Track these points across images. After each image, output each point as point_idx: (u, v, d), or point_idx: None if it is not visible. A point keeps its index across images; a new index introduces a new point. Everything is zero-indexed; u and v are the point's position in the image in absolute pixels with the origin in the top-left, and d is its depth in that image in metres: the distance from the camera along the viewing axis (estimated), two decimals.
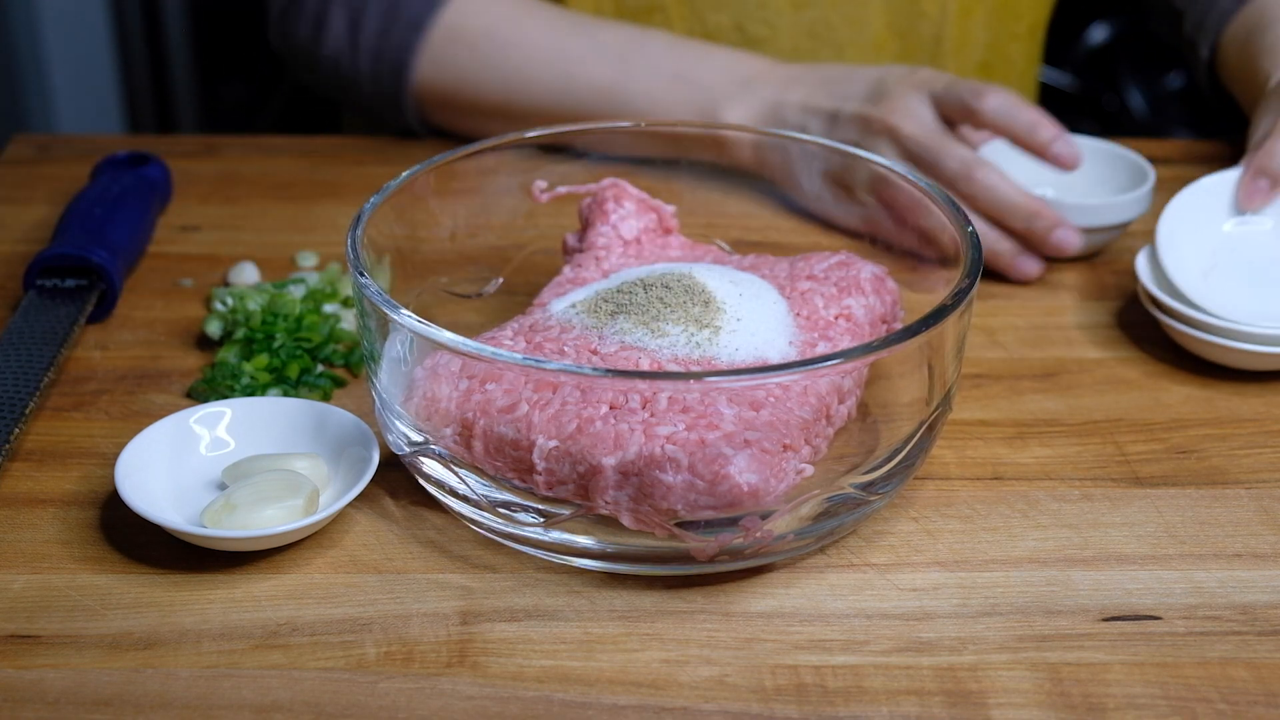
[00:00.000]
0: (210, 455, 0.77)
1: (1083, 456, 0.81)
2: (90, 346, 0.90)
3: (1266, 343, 0.86)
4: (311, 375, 0.86)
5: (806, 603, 0.70)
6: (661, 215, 0.88)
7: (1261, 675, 0.66)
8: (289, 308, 0.88)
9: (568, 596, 0.70)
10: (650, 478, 0.67)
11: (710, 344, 0.74)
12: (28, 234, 1.02)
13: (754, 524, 0.68)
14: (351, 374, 0.87)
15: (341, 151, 1.17)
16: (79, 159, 1.10)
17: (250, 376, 0.84)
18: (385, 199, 0.79)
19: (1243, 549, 0.74)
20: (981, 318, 0.94)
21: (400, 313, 0.69)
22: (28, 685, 0.65)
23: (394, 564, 0.72)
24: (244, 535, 0.70)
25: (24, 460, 0.79)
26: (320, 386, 0.85)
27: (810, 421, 0.71)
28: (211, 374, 0.85)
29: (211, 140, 1.20)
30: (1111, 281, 0.99)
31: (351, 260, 0.73)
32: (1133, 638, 0.68)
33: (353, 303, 0.92)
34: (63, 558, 0.72)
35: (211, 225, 1.05)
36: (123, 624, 0.68)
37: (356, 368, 0.87)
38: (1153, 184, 1.01)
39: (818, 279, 0.81)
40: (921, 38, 1.21)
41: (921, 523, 0.76)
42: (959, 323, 0.72)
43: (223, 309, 0.90)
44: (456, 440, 0.71)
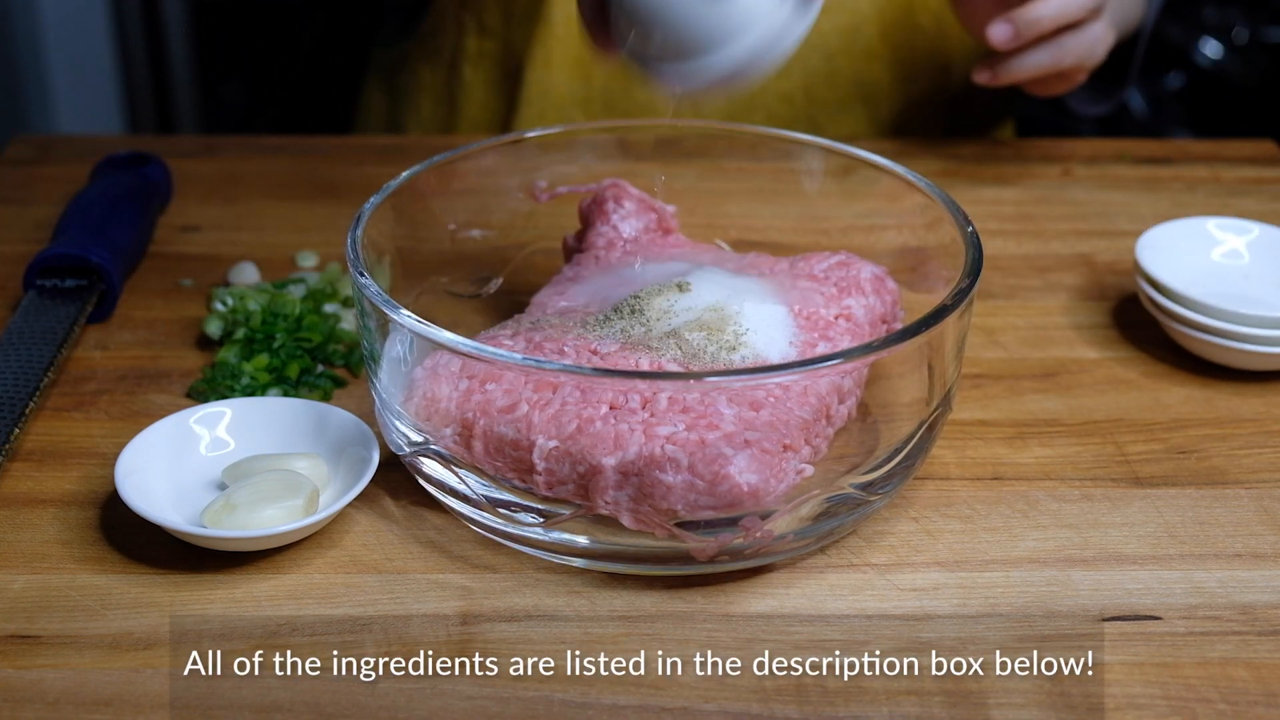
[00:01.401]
0: (210, 455, 0.77)
1: (1083, 456, 0.81)
2: (90, 346, 0.90)
3: (1266, 343, 0.86)
4: (311, 375, 0.86)
5: (806, 603, 0.70)
6: (661, 215, 0.88)
7: (1261, 675, 0.66)
8: (289, 308, 0.88)
9: (568, 596, 0.70)
10: (650, 478, 0.67)
11: (710, 344, 0.74)
12: (28, 234, 1.02)
13: (754, 524, 0.68)
14: (351, 374, 0.87)
15: (341, 151, 1.17)
16: (79, 159, 1.10)
17: (250, 376, 0.84)
18: (385, 199, 0.79)
19: (1243, 549, 0.74)
20: (981, 318, 0.94)
21: (400, 313, 0.69)
22: (28, 685, 0.65)
23: (394, 564, 0.72)
24: (244, 535, 0.70)
25: (24, 460, 0.79)
26: (320, 386, 0.85)
27: (810, 421, 0.71)
28: (211, 374, 0.85)
29: (211, 140, 1.20)
30: (1111, 281, 0.99)
31: (351, 260, 0.73)
32: (1133, 638, 0.68)
33: (353, 303, 0.92)
34: (62, 558, 0.72)
35: (211, 225, 1.05)
36: (123, 624, 0.68)
37: (356, 368, 0.87)
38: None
39: (818, 279, 0.81)
40: (915, 49, 1.20)
41: (921, 523, 0.76)
42: (959, 323, 0.72)
43: (223, 309, 0.90)
44: (456, 440, 0.71)
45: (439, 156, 0.84)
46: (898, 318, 0.82)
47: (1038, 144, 1.21)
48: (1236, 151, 1.19)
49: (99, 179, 1.02)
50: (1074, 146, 1.20)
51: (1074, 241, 1.05)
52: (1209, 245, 0.94)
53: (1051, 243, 1.05)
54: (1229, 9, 2.10)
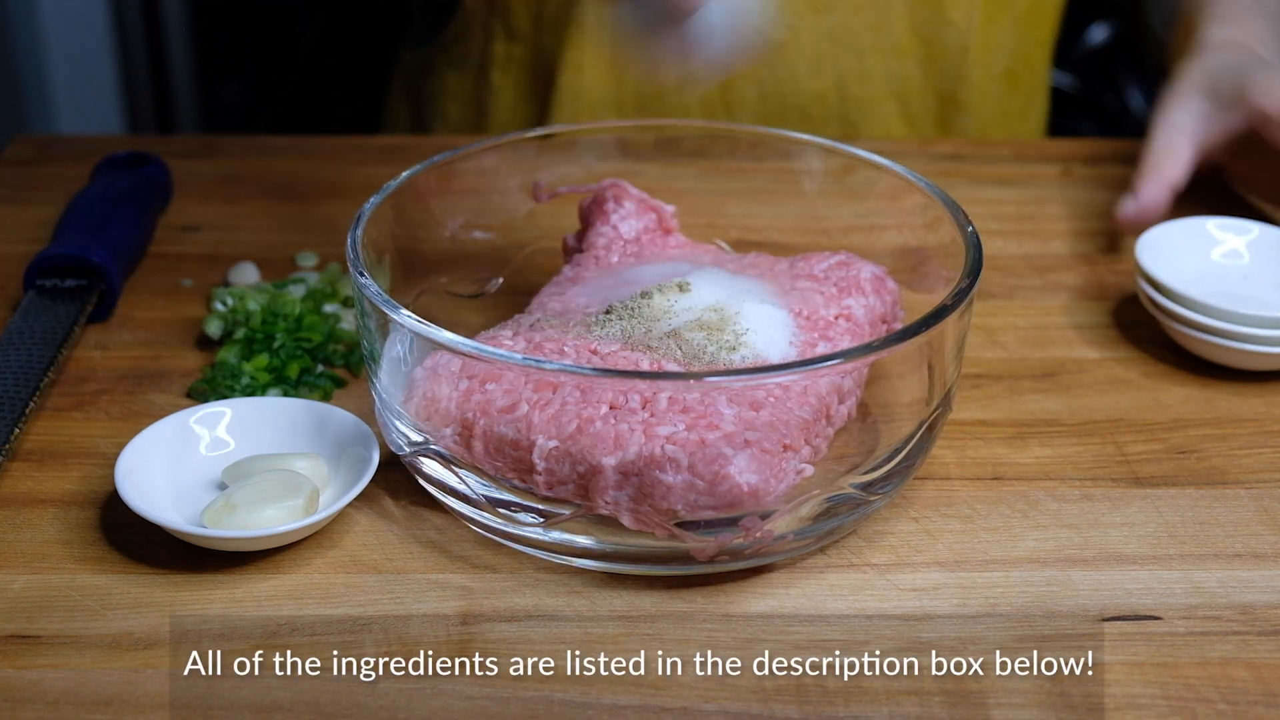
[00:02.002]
0: (210, 455, 0.77)
1: (1083, 456, 0.81)
2: (90, 346, 0.90)
3: (1266, 343, 0.86)
4: (311, 375, 0.86)
5: (806, 603, 0.70)
6: (661, 215, 0.88)
7: (1261, 675, 0.66)
8: (289, 308, 0.88)
9: (568, 596, 0.70)
10: (650, 478, 0.67)
11: (710, 344, 0.74)
12: (28, 234, 1.02)
13: (754, 524, 0.68)
14: (351, 374, 0.87)
15: (341, 151, 1.17)
16: (79, 159, 1.10)
17: (250, 376, 0.84)
18: (385, 199, 0.79)
19: (1243, 549, 0.74)
20: (981, 318, 0.94)
21: (400, 313, 0.69)
22: (28, 685, 0.65)
23: (394, 564, 0.72)
24: (244, 535, 0.70)
25: (24, 460, 0.79)
26: (320, 386, 0.85)
27: (810, 421, 0.71)
28: (211, 374, 0.85)
29: (211, 140, 1.20)
30: (1111, 281, 0.99)
31: (351, 260, 0.73)
32: (1133, 638, 0.68)
33: (353, 303, 0.92)
34: (63, 558, 0.72)
35: (211, 225, 1.05)
36: (123, 624, 0.68)
37: (357, 368, 0.87)
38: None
39: (818, 279, 0.81)
40: (946, 45, 1.20)
41: (921, 523, 0.76)
42: (959, 323, 0.72)
43: (223, 309, 0.90)
44: (456, 440, 0.71)
45: (439, 156, 0.84)
46: (898, 318, 0.82)
47: (1038, 144, 1.21)
48: None
49: (99, 179, 1.02)
50: (1074, 146, 1.20)
51: (1074, 241, 1.05)
52: (1209, 245, 0.94)
53: (1051, 243, 1.05)
54: None
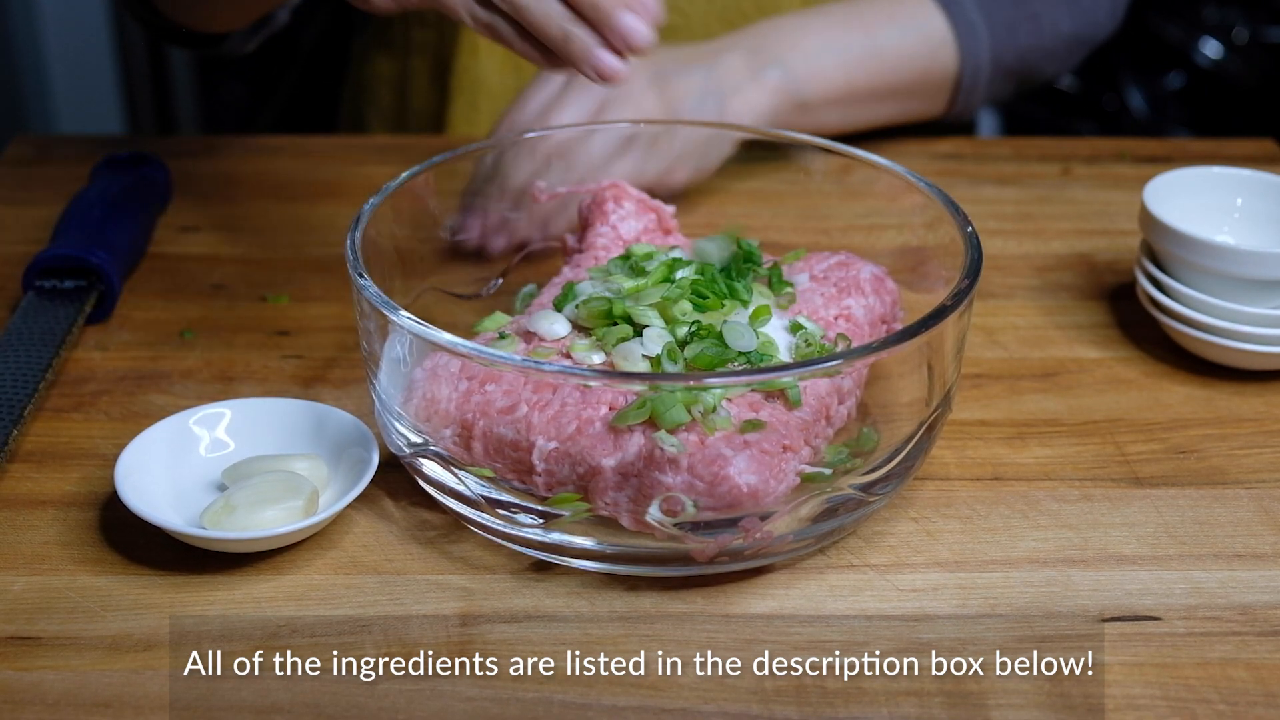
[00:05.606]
0: (210, 456, 0.77)
1: (1083, 456, 0.81)
2: (90, 347, 0.90)
3: (1266, 343, 0.86)
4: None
5: (806, 604, 0.70)
6: (661, 215, 0.88)
7: (1261, 675, 0.66)
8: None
9: (568, 597, 0.70)
10: (650, 479, 0.67)
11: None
12: (28, 234, 1.02)
13: (754, 525, 0.68)
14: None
15: (341, 151, 1.17)
16: (79, 159, 1.10)
17: None
18: (385, 199, 0.79)
19: (1243, 549, 0.74)
20: (981, 318, 0.94)
21: (399, 314, 0.69)
22: (28, 687, 0.65)
23: (394, 565, 0.72)
24: (244, 537, 0.70)
25: (23, 461, 0.79)
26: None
27: (810, 422, 0.71)
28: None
29: (211, 140, 1.20)
30: (1111, 281, 0.99)
31: (351, 261, 0.73)
32: (1132, 638, 0.68)
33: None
34: (62, 559, 0.72)
35: (211, 225, 1.05)
36: (122, 625, 0.68)
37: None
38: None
39: (818, 279, 0.81)
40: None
41: (921, 523, 0.76)
42: (959, 323, 0.72)
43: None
44: (456, 441, 0.71)
45: (439, 157, 0.84)
46: (898, 318, 0.82)
47: (1038, 144, 1.21)
48: (1236, 150, 1.19)
49: (99, 179, 1.02)
50: (1074, 146, 1.20)
51: (1074, 241, 1.05)
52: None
53: (1051, 243, 1.05)
54: (1229, 9, 2.10)
